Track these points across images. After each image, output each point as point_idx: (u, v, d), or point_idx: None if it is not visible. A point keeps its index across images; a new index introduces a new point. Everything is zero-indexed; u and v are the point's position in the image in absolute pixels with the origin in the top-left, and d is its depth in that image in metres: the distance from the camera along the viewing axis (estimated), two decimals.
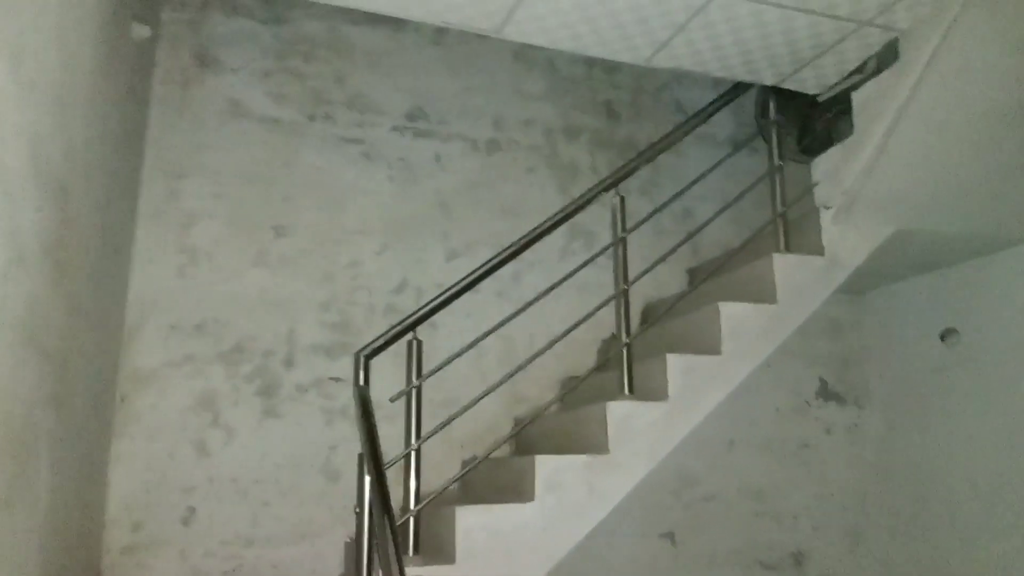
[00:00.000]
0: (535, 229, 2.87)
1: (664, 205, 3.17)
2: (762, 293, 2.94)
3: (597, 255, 2.99)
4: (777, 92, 3.24)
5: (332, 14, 3.65)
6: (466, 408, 2.69)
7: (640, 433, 2.65)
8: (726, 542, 3.77)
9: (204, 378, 3.23)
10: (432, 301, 2.69)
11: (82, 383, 2.49)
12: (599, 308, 2.89)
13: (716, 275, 3.25)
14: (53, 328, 2.09)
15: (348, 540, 3.13)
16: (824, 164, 3.12)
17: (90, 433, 2.69)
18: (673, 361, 2.74)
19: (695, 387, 2.75)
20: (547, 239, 2.96)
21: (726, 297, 2.93)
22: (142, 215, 3.26)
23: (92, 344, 2.61)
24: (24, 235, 1.81)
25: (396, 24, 3.73)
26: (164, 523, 3.08)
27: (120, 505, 3.04)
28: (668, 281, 3.83)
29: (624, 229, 2.91)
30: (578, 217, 3.07)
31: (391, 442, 2.50)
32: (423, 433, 2.57)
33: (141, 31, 2.88)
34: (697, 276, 3.75)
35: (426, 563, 2.38)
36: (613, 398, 2.71)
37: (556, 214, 2.91)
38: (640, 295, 3.67)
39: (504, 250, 2.82)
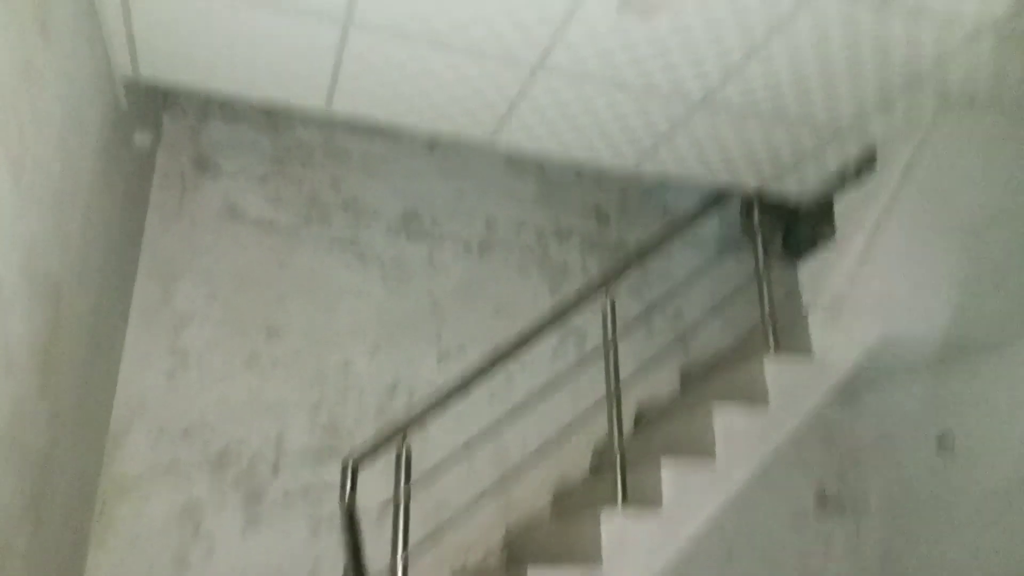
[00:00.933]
0: (527, 332, 2.87)
1: (653, 307, 3.19)
2: (754, 395, 2.92)
3: (586, 359, 2.98)
4: (761, 194, 3.32)
5: (329, 123, 3.77)
6: (457, 516, 2.62)
7: (635, 544, 2.56)
8: None
9: (188, 485, 3.15)
10: (424, 408, 2.66)
11: (62, 492, 2.42)
12: (589, 413, 2.86)
13: (708, 376, 3.23)
14: (36, 434, 2.05)
15: None
16: (810, 267, 3.17)
17: (66, 545, 2.59)
18: (667, 467, 2.69)
19: (690, 494, 2.69)
20: (539, 340, 2.96)
21: (719, 398, 2.91)
22: (134, 317, 3.26)
23: (75, 449, 2.55)
24: (13, 340, 1.80)
25: (391, 133, 3.85)
26: None
27: None
28: (661, 381, 3.81)
29: (614, 333, 2.91)
30: (570, 318, 3.08)
31: (380, 548, 2.41)
32: (412, 541, 2.49)
33: (143, 139, 2.97)
34: (689, 376, 3.74)
35: None
36: (607, 506, 2.64)
37: (547, 317, 2.93)
38: (633, 395, 3.64)
39: (496, 354, 2.81)
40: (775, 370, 2.93)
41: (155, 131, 3.35)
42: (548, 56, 2.52)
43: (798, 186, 3.22)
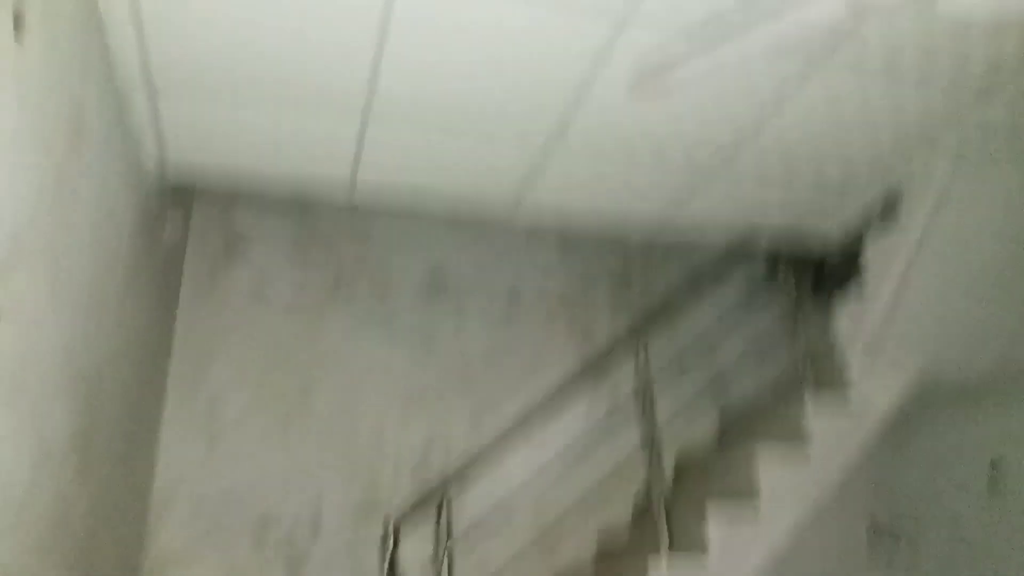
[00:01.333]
0: (560, 384, 2.86)
1: (685, 350, 3.14)
2: (796, 440, 2.89)
3: (621, 408, 2.95)
4: (787, 246, 3.31)
5: (351, 208, 3.85)
6: (500, 570, 2.61)
7: None
8: None
9: (231, 553, 3.19)
10: (463, 464, 2.67)
11: (107, 571, 2.48)
12: (628, 462, 2.83)
13: (747, 422, 3.20)
14: (78, 517, 2.11)
15: None
16: (844, 309, 3.14)
17: None
18: (713, 514, 2.65)
19: (736, 542, 2.64)
20: (572, 390, 2.95)
21: (760, 445, 2.87)
22: (171, 395, 3.31)
23: (117, 528, 2.60)
24: (53, 435, 1.87)
25: (412, 214, 3.91)
26: None
27: None
28: (699, 427, 3.76)
29: (648, 379, 2.88)
30: (602, 366, 3.05)
31: None
32: None
33: (172, 233, 3.06)
34: (728, 420, 3.70)
35: None
36: (652, 553, 2.61)
37: (579, 367, 2.91)
38: (672, 443, 3.60)
39: (529, 408, 2.82)
40: (815, 415, 2.89)
41: (184, 224, 3.45)
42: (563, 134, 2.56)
43: (822, 235, 3.20)
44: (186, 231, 3.50)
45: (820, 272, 3.41)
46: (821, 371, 3.09)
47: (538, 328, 3.90)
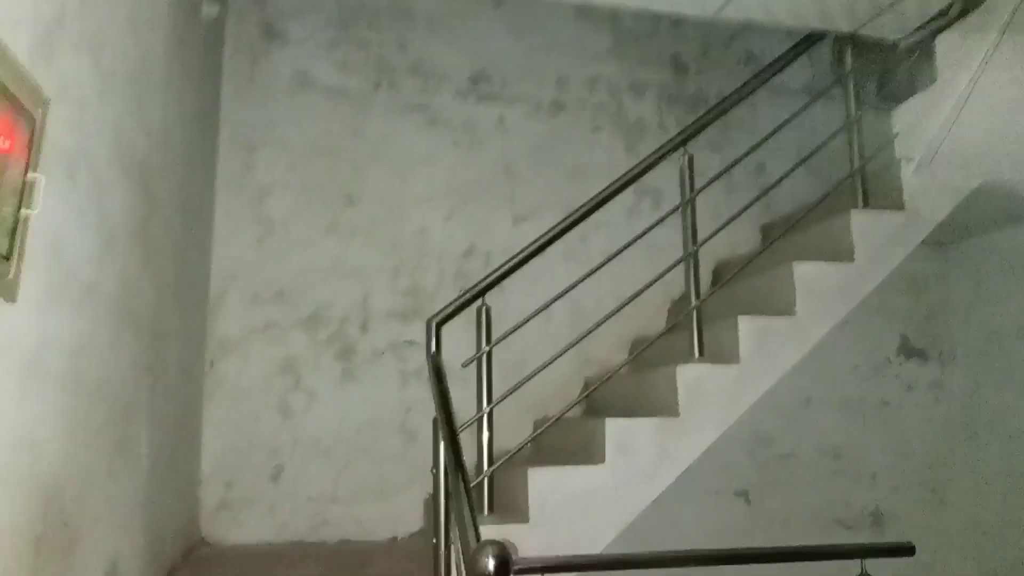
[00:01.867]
0: (602, 192, 2.84)
1: (734, 163, 3.09)
2: (839, 251, 2.85)
3: (664, 217, 2.94)
4: (855, 37, 3.08)
5: None
6: (536, 372, 2.73)
7: (711, 396, 2.63)
8: (802, 501, 3.75)
9: (285, 344, 3.38)
10: (500, 268, 2.71)
11: (173, 353, 2.64)
12: (667, 271, 2.85)
13: (790, 233, 3.16)
14: (144, 304, 2.22)
15: (427, 496, 3.24)
16: (905, 114, 2.98)
17: (183, 399, 2.86)
18: (745, 324, 2.70)
19: (768, 349, 2.70)
20: (615, 199, 2.93)
21: (801, 256, 2.85)
22: (220, 189, 3.39)
23: (180, 315, 2.75)
24: (113, 219, 1.92)
25: None
26: (254, 481, 3.26)
27: (213, 465, 3.23)
28: (740, 239, 3.74)
29: (692, 189, 2.85)
30: (646, 176, 3.01)
31: (464, 404, 2.56)
32: (495, 396, 2.63)
33: (210, 10, 2.95)
34: (771, 233, 3.66)
35: (501, 522, 2.45)
36: (684, 361, 2.70)
37: (623, 176, 2.87)
38: (711, 253, 3.61)
39: (571, 214, 2.81)
40: (863, 223, 2.84)
41: (222, 1, 3.32)
42: None
43: (896, 26, 2.95)
44: (224, 11, 3.37)
45: (888, 72, 3.21)
46: (873, 187, 3.00)
47: (585, 125, 3.81)
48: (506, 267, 2.71)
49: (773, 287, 2.86)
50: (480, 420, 2.61)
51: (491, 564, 1.50)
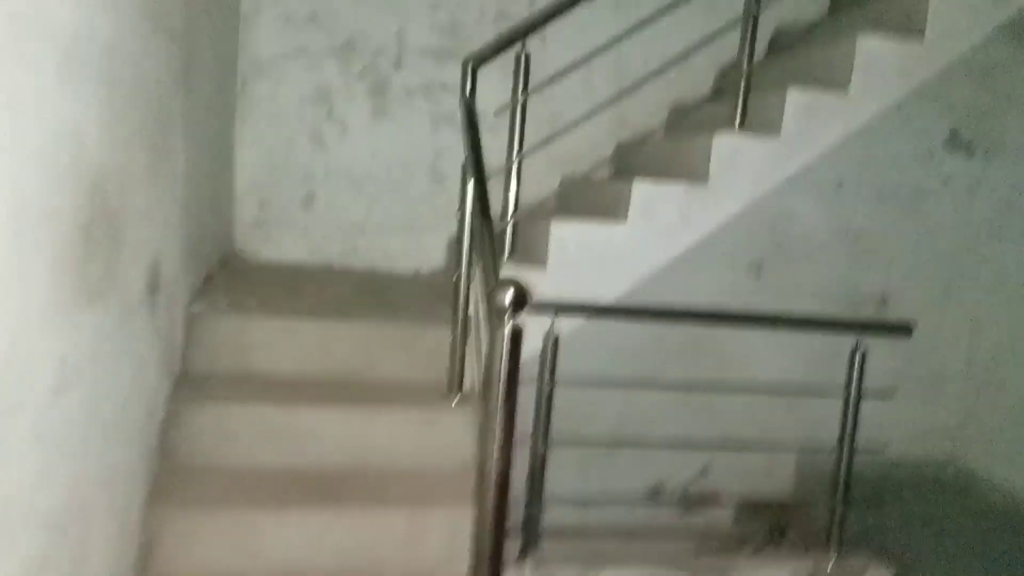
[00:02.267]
0: None
1: None
2: (909, 27, 2.64)
3: None
4: None
5: None
6: (569, 127, 2.68)
7: (743, 167, 2.59)
8: (812, 278, 3.83)
9: (318, 71, 3.30)
10: (545, 13, 2.55)
11: (206, 66, 2.60)
12: (721, 31, 2.68)
13: (860, 3, 2.91)
14: (175, 11, 2.14)
15: (451, 237, 3.36)
16: None
17: (216, 114, 2.87)
18: (794, 96, 2.58)
19: (812, 125, 2.61)
20: None
21: (868, 28, 2.65)
22: None
23: (212, 29, 2.67)
24: None
25: None
26: (287, 205, 3.37)
27: (247, 184, 3.32)
28: (808, 6, 3.46)
29: None
30: None
31: (494, 154, 2.55)
32: (526, 147, 2.61)
33: None
34: (840, 1, 3.37)
35: (519, 266, 2.56)
36: (722, 130, 2.63)
37: None
38: (772, 17, 3.36)
39: None
40: (939, 6, 2.59)
41: None
42: None
43: None
44: None
45: None
46: None
47: None
48: (549, 10, 2.55)
49: (831, 59, 2.70)
50: (509, 170, 2.62)
51: (509, 298, 1.58)
